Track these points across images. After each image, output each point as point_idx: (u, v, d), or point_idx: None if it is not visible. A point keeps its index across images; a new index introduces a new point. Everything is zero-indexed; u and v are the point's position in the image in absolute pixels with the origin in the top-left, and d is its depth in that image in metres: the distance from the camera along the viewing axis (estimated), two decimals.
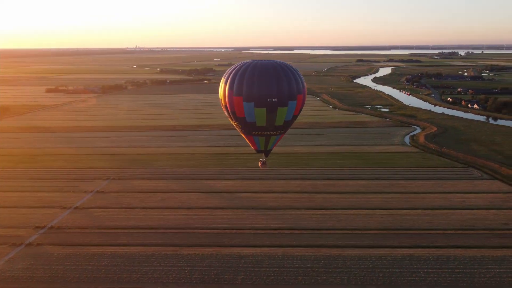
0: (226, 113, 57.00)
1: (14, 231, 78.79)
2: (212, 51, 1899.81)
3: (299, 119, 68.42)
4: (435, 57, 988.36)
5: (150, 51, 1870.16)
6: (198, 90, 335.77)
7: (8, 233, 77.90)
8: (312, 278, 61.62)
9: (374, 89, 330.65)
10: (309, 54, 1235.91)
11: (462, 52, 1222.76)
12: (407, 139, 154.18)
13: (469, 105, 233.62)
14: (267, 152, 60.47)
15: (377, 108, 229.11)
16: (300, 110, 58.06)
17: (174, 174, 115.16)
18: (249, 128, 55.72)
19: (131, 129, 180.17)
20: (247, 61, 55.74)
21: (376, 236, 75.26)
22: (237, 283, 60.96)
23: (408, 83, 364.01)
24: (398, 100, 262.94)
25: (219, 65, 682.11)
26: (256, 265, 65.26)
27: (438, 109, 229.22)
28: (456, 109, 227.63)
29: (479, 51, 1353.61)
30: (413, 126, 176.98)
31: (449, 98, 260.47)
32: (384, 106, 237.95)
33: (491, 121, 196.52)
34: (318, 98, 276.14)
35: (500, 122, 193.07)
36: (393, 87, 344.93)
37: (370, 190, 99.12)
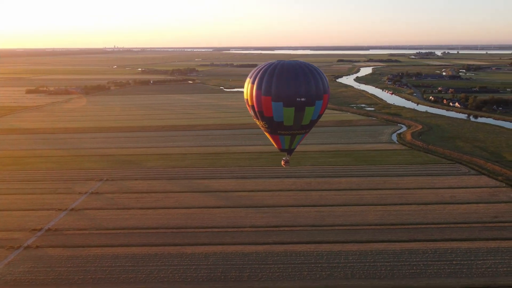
0: (252, 112, 57.23)
1: (10, 234, 77.41)
2: (193, 51, 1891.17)
3: None
4: (413, 57, 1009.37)
5: (129, 51, 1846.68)
6: (182, 90, 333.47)
7: (4, 236, 76.50)
8: (317, 273, 62.78)
9: (357, 89, 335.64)
10: (290, 54, 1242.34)
11: (438, 52, 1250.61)
12: (394, 137, 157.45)
13: (451, 104, 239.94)
14: (290, 151, 60.99)
15: (362, 107, 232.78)
16: (325, 109, 59.11)
17: (167, 174, 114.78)
18: (276, 127, 56.22)
19: (119, 130, 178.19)
20: (272, 61, 56.39)
21: (374, 231, 77.03)
22: (243, 280, 61.60)
23: (390, 83, 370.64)
24: (382, 99, 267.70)
25: (201, 65, 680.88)
26: (260, 262, 66.06)
27: (421, 108, 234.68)
28: (439, 108, 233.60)
29: (455, 51, 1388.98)
30: (399, 125, 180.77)
31: (431, 97, 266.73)
32: (369, 105, 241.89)
33: (472, 118, 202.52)
34: None
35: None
36: (376, 87, 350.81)
37: (364, 187, 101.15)
